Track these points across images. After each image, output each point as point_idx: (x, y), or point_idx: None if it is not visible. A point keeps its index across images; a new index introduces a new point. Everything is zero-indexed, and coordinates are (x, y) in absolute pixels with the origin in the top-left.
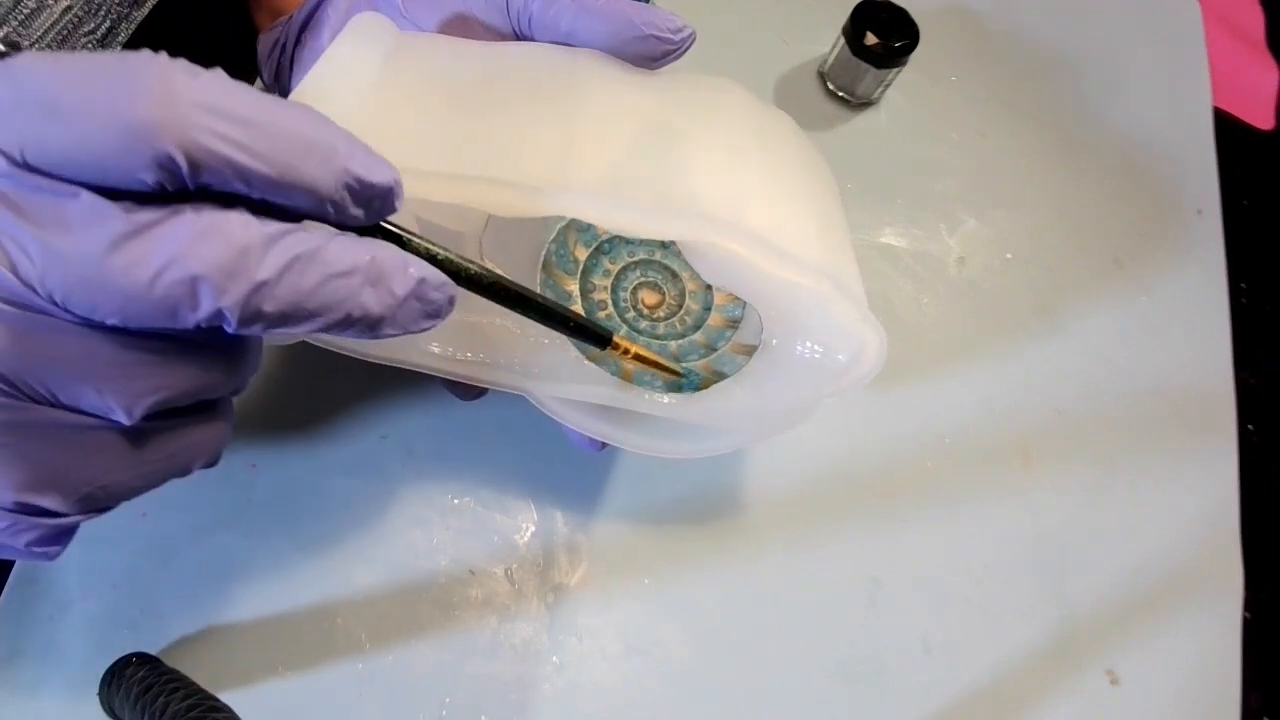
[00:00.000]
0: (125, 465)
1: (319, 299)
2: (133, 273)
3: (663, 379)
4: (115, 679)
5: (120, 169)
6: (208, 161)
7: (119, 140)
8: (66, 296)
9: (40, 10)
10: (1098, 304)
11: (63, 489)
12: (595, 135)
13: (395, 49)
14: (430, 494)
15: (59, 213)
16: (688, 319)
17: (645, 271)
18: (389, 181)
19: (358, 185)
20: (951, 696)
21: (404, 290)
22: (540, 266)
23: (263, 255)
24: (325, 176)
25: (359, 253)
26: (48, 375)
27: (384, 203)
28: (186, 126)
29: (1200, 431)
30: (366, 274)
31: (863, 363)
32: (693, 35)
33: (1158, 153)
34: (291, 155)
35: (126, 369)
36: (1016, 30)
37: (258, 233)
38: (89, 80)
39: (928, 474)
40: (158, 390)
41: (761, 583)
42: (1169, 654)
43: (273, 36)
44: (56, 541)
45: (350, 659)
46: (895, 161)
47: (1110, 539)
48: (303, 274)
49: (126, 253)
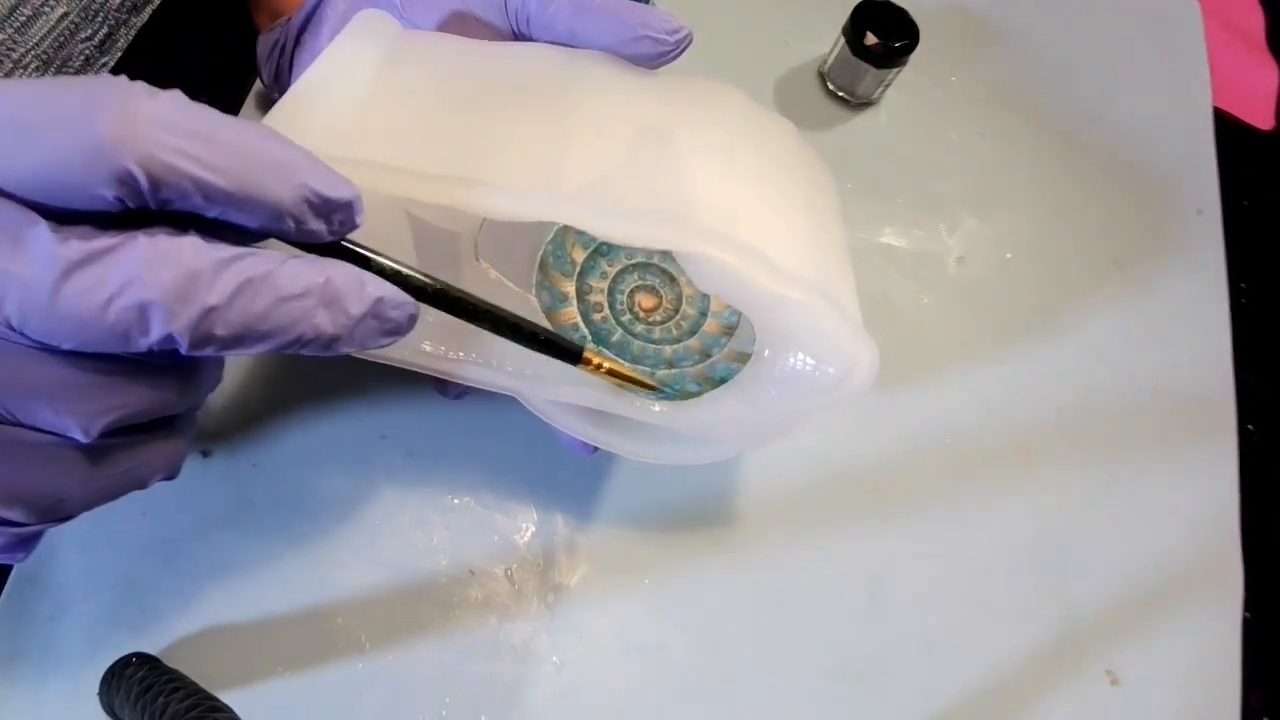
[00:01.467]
0: (84, 480)
1: (271, 321)
2: (86, 299)
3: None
4: (115, 679)
5: (81, 186)
6: (166, 177)
7: (80, 157)
8: (23, 322)
9: (37, 17)
10: (1098, 304)
11: (25, 503)
12: (589, 140)
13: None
14: (430, 494)
15: (16, 239)
16: (684, 324)
17: (643, 275)
18: (349, 196)
19: (317, 200)
20: (951, 696)
21: (359, 310)
22: (537, 267)
23: (213, 280)
24: (284, 191)
25: (312, 274)
26: (7, 397)
27: (345, 217)
28: (145, 143)
29: (1200, 431)
30: (320, 295)
31: (854, 377)
32: (689, 37)
33: (1158, 153)
34: (249, 170)
35: (83, 390)
36: (1016, 30)
37: (209, 258)
38: (51, 102)
39: (927, 474)
40: (114, 410)
41: (761, 583)
42: (1169, 654)
43: (272, 37)
44: (21, 548)
45: (350, 659)
46: (895, 161)
47: (1110, 539)
48: (254, 297)
49: (80, 280)
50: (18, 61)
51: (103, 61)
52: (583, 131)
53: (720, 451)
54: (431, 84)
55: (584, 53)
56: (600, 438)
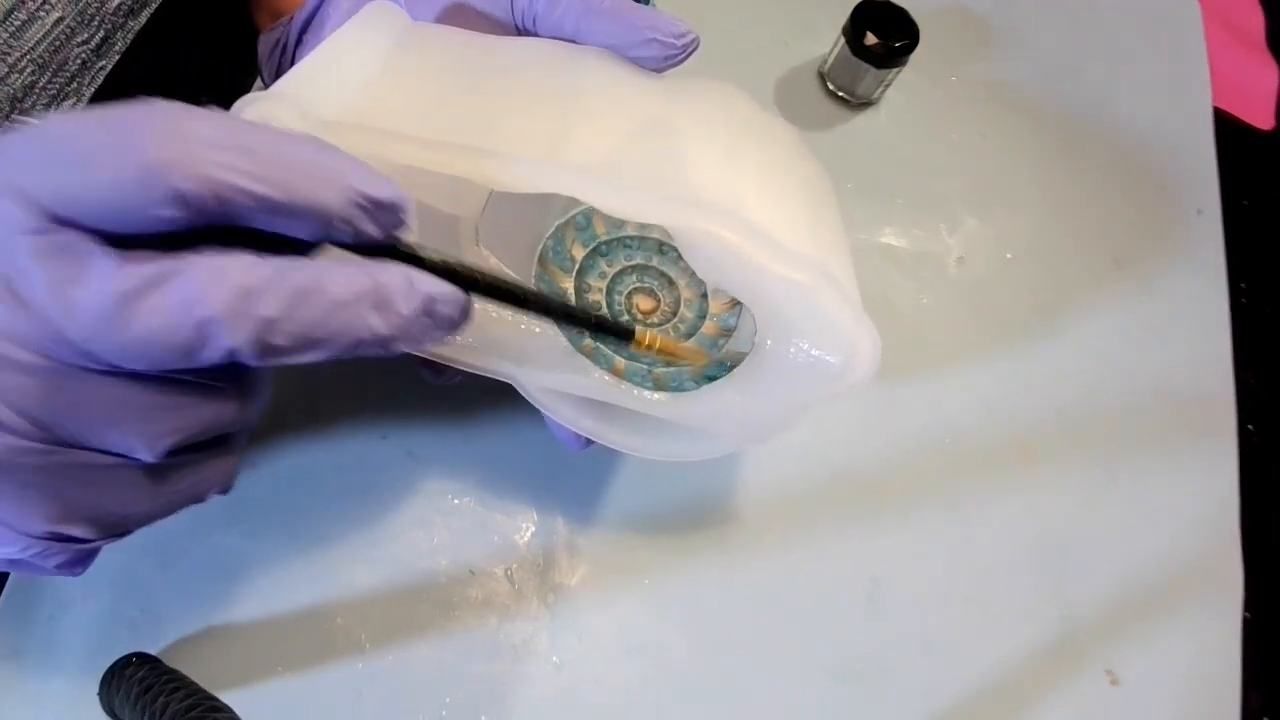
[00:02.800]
0: (147, 498)
1: (327, 328)
2: (149, 321)
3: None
4: (115, 679)
5: (138, 209)
6: (220, 192)
7: (134, 181)
8: (89, 347)
9: (32, 21)
10: (1098, 304)
11: (90, 520)
12: (595, 121)
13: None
14: (430, 494)
15: (79, 266)
16: (681, 326)
17: (642, 277)
18: (395, 197)
19: (366, 202)
20: (951, 696)
21: (410, 310)
22: (536, 260)
23: (268, 293)
24: (333, 196)
25: (360, 279)
26: (76, 422)
27: (394, 217)
28: (195, 161)
29: (1200, 431)
30: (372, 298)
31: (855, 367)
32: (696, 41)
33: (1158, 153)
34: (297, 178)
35: (148, 412)
36: (1016, 30)
37: (262, 272)
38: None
39: (928, 474)
40: (177, 430)
41: (761, 583)
42: (1169, 654)
43: (273, 37)
44: (81, 563)
45: (350, 659)
46: (895, 161)
47: (1110, 539)
48: (308, 306)
49: (142, 303)
50: (13, 65)
51: (100, 65)
52: (589, 118)
53: (717, 447)
54: (440, 66)
55: (590, 49)
56: (596, 430)
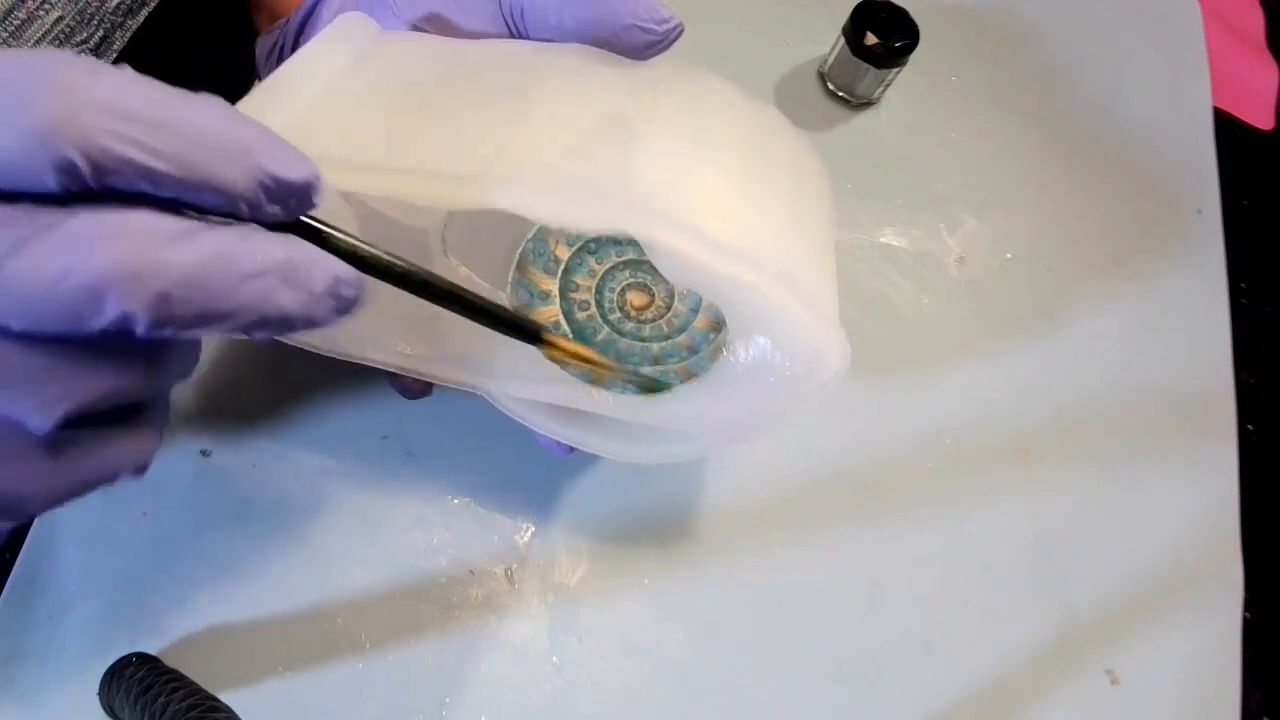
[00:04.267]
0: (44, 475)
1: (234, 300)
2: (33, 276)
3: (595, 376)
4: (115, 679)
5: (24, 171)
6: (109, 164)
7: (18, 143)
8: None
9: (31, 21)
10: (1098, 304)
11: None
12: (544, 129)
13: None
14: (430, 494)
15: None
16: (675, 321)
17: (635, 272)
18: (306, 177)
19: (273, 183)
20: (951, 696)
21: (321, 288)
22: (515, 265)
23: (171, 256)
24: (237, 176)
25: (273, 251)
26: None
27: (301, 199)
28: (86, 129)
29: (1200, 431)
30: (282, 273)
31: (821, 371)
32: (679, 27)
33: (1158, 153)
34: (199, 155)
35: (38, 374)
36: (1016, 30)
37: (165, 232)
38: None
39: (928, 474)
40: (73, 396)
41: (761, 583)
42: (1169, 654)
43: (271, 39)
44: None
45: (350, 659)
46: (895, 161)
47: (1110, 539)
48: (215, 274)
49: (25, 256)
50: None
51: None
52: (540, 121)
53: (691, 449)
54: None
55: (556, 46)
56: (571, 435)
